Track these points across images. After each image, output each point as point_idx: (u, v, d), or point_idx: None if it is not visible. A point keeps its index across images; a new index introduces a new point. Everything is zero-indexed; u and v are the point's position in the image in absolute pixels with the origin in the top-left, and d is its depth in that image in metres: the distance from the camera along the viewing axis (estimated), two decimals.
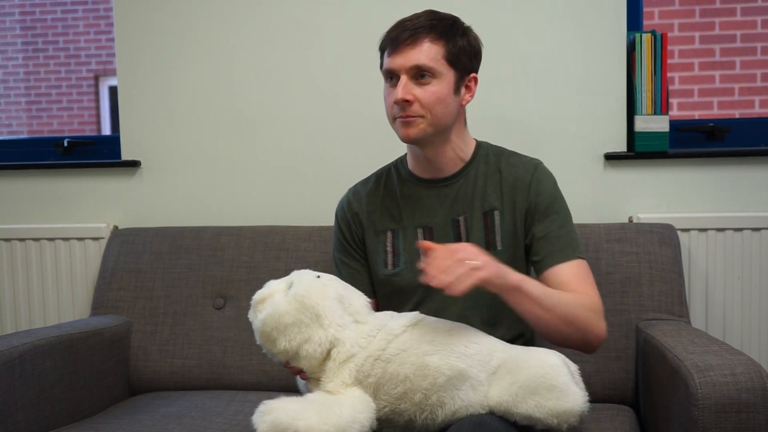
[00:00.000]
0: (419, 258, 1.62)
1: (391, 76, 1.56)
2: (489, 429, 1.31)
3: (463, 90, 1.58)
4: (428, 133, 1.55)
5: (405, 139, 1.58)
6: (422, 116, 1.54)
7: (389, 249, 1.66)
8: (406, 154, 1.71)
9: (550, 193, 1.60)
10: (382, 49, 1.59)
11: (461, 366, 1.35)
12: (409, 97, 1.52)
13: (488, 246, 1.58)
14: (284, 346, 1.39)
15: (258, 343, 1.44)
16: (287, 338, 1.38)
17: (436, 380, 1.34)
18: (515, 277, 1.42)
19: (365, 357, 1.38)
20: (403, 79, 1.53)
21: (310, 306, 1.39)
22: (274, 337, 1.39)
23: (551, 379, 1.32)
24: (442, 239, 1.60)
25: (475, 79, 1.61)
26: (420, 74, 1.52)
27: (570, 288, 1.51)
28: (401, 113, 1.54)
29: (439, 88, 1.53)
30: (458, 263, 1.34)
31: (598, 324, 1.49)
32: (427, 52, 1.52)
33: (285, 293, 1.42)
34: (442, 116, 1.55)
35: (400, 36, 1.53)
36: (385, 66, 1.57)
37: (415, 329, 1.39)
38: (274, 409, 1.29)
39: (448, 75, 1.54)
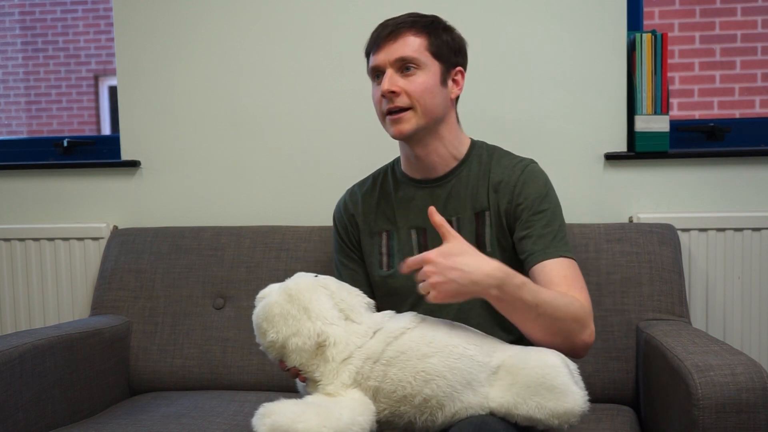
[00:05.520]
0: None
1: (378, 74, 1.57)
2: (490, 430, 1.30)
3: (450, 83, 1.59)
4: (420, 127, 1.55)
5: (397, 136, 1.57)
6: (411, 108, 1.54)
7: (384, 250, 1.66)
8: None
9: (537, 192, 1.57)
10: (367, 53, 1.61)
11: (461, 368, 1.34)
12: (395, 88, 1.52)
13: (479, 248, 1.57)
14: (273, 338, 1.40)
15: (257, 341, 1.45)
16: (275, 329, 1.40)
17: (436, 383, 1.34)
18: (518, 279, 1.38)
19: (364, 359, 1.38)
20: (389, 72, 1.54)
21: (297, 298, 1.41)
22: (264, 328, 1.42)
23: (551, 380, 1.32)
24: (435, 240, 1.59)
25: (462, 73, 1.61)
26: (405, 66, 1.54)
27: (559, 289, 1.46)
28: (389, 106, 1.54)
29: (425, 78, 1.54)
30: (448, 269, 1.34)
31: (582, 332, 1.43)
32: (411, 45, 1.54)
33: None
34: (432, 107, 1.55)
35: (381, 33, 1.56)
36: (370, 64, 1.58)
37: (415, 331, 1.39)
38: (273, 412, 1.29)
39: (434, 66, 1.55)
